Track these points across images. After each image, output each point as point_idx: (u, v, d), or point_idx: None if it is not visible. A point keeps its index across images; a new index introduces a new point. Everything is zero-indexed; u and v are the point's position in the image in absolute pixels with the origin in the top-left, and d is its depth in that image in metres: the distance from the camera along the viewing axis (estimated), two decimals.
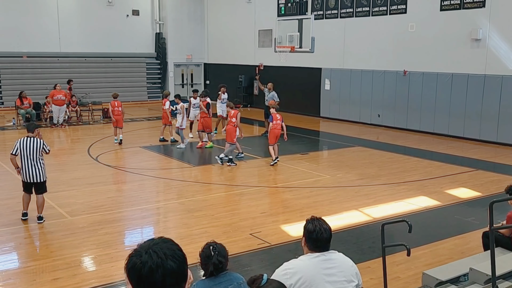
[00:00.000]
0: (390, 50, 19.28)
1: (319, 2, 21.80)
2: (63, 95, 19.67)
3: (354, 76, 20.63)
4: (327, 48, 21.03)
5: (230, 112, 13.55)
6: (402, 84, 18.85)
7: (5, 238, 8.11)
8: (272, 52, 19.41)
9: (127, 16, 27.00)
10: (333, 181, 11.79)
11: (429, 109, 18.04)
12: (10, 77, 24.04)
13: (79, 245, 7.82)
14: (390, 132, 18.82)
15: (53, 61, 25.03)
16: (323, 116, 22.21)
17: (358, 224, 8.90)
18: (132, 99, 26.47)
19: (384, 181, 11.75)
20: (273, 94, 17.40)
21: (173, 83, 28.31)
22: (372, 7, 19.76)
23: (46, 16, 24.73)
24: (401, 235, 7.36)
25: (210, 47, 28.79)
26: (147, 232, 8.82)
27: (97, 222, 8.82)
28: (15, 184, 10.30)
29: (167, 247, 1.81)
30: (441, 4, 17.38)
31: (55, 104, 19.51)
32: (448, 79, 17.37)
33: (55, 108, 19.59)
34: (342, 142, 16.87)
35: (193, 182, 11.73)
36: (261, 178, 12.43)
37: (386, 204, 9.99)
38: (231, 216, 9.23)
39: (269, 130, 13.28)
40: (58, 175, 11.83)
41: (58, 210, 9.39)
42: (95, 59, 26.01)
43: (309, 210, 9.46)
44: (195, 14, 28.38)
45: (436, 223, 9.20)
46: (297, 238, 8.00)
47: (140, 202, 10.27)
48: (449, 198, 10.52)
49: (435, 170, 12.94)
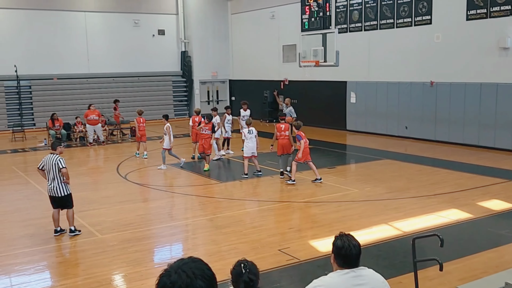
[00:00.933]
0: (416, 61, 19.11)
1: (343, 15, 21.81)
2: (96, 115, 20.17)
3: (380, 88, 20.49)
4: (352, 61, 20.98)
5: (280, 126, 13.45)
6: (429, 95, 18.63)
7: (38, 257, 8.26)
8: (297, 67, 19.50)
9: (153, 36, 27.51)
10: (361, 195, 11.67)
11: (458, 119, 17.76)
12: (41, 98, 24.68)
13: (110, 263, 7.91)
14: (418, 144, 18.58)
15: (82, 82, 25.63)
16: (350, 129, 22.09)
17: (388, 238, 8.77)
18: (159, 117, 26.64)
19: (413, 194, 11.58)
20: (290, 109, 17.46)
21: (199, 100, 28.60)
22: (396, 18, 19.67)
23: (75, 38, 25.38)
24: (433, 249, 7.22)
25: (235, 64, 29.05)
26: (176, 249, 8.88)
27: (127, 240, 8.91)
28: (47, 204, 10.49)
29: (196, 267, 1.83)
30: (467, 13, 17.18)
31: (89, 123, 20.07)
32: (476, 89, 17.09)
33: (89, 128, 20.16)
34: (370, 155, 16.72)
35: (221, 198, 11.77)
36: (288, 193, 12.39)
37: (416, 218, 9.83)
38: (259, 232, 9.22)
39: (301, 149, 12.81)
40: (89, 194, 12.02)
41: (88, 228, 9.53)
42: (123, 78, 26.54)
43: (338, 225, 9.38)
44: (220, 32, 28.71)
45: (469, 236, 9.01)
46: (326, 254, 7.93)
47: (169, 219, 10.35)
48: (481, 210, 10.29)
49: (466, 182, 12.70)
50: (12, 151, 19.19)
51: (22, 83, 24.19)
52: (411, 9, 19.03)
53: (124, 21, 26.59)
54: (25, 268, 7.79)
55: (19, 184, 13.89)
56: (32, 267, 7.83)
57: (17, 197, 12.26)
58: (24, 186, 13.65)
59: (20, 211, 10.93)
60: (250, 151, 13.57)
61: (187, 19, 28.18)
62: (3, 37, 23.77)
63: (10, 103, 24.18)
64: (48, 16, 24.62)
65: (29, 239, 9.07)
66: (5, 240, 9.08)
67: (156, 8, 27.55)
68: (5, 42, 23.78)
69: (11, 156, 18.32)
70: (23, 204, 11.60)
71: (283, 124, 13.52)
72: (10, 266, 7.88)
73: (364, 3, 20.84)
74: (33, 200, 11.88)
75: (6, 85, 23.99)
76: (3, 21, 23.85)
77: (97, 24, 26.01)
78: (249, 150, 13.58)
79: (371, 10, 20.59)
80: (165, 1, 27.85)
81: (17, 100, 24.23)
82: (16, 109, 24.23)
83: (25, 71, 23.97)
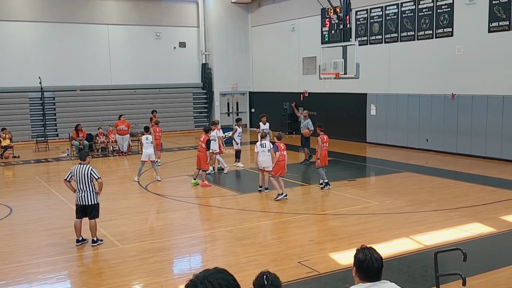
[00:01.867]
0: (437, 73, 18.98)
1: (363, 28, 21.81)
2: (125, 126, 20.57)
3: (400, 100, 20.38)
4: (372, 73, 20.92)
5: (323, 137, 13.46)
6: (451, 107, 18.46)
7: (60, 267, 8.37)
8: (317, 79, 19.46)
9: (174, 48, 27.84)
10: (381, 208, 11.58)
11: (479, 132, 17.55)
12: (64, 110, 25.11)
13: (130, 273, 7.97)
14: (439, 156, 18.39)
15: (104, 94, 26.02)
16: (370, 142, 21.97)
17: (409, 252, 8.67)
18: (179, 129, 27.08)
19: (435, 207, 11.45)
20: (307, 121, 17.46)
21: (219, 112, 28.77)
22: (417, 31, 19.60)
23: (98, 50, 25.84)
24: (455, 264, 7.13)
25: (255, 76, 29.19)
26: (195, 260, 8.91)
27: (147, 250, 8.98)
28: (69, 214, 10.66)
29: (222, 278, 1.85)
30: (489, 26, 17.04)
31: (118, 134, 20.56)
32: (499, 102, 16.89)
33: (119, 138, 20.70)
34: (390, 168, 16.59)
35: (240, 209, 11.79)
36: (308, 205, 12.36)
37: (437, 231, 9.71)
38: (279, 244, 9.20)
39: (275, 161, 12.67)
40: (110, 204, 12.15)
41: (110, 238, 9.63)
42: (144, 90, 26.87)
43: (358, 237, 9.32)
44: (240, 44, 28.93)
45: (492, 251, 8.86)
46: (346, 267, 7.89)
47: (189, 230, 10.39)
48: (504, 224, 10.13)
49: (488, 195, 12.52)
50: (35, 161, 19.52)
51: (46, 94, 24.66)
52: (432, 21, 18.95)
53: (146, 34, 26.98)
54: (47, 277, 7.89)
55: (42, 194, 14.11)
56: (54, 276, 7.94)
57: (40, 207, 12.45)
58: (47, 196, 13.88)
59: (43, 221, 11.10)
60: (261, 165, 13.17)
61: (208, 31, 28.47)
62: (28, 50, 24.30)
63: (34, 114, 24.64)
64: (72, 29, 25.12)
65: (51, 248, 9.20)
66: (28, 249, 9.22)
67: (178, 21, 27.90)
68: (30, 54, 24.32)
69: (34, 166, 18.62)
70: (45, 213, 11.78)
71: (325, 136, 13.53)
72: (33, 275, 7.99)
73: (385, 15, 20.83)
74: (55, 210, 12.06)
75: (31, 96, 24.48)
76: (29, 34, 24.40)
77: (119, 37, 26.44)
78: (260, 164, 13.21)
79: (392, 23, 20.56)
80: (186, 14, 28.20)
81: (41, 111, 24.68)
82: (40, 120, 24.67)
83: (49, 83, 24.44)
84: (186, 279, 6.65)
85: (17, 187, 15.24)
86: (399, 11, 20.24)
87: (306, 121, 17.58)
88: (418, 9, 19.48)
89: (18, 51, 24.13)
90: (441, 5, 18.65)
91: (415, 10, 19.61)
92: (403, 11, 20.07)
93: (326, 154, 13.62)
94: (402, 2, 20.08)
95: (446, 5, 18.45)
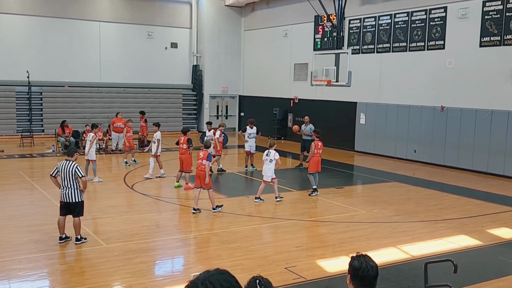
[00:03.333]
0: (427, 85, 19.08)
1: (356, 36, 21.88)
2: (122, 123, 20.25)
3: (390, 110, 20.45)
4: (363, 82, 20.98)
5: (318, 143, 13.43)
6: (440, 120, 18.56)
7: (42, 264, 8.19)
8: (308, 85, 19.51)
9: (166, 49, 27.69)
10: (369, 217, 11.55)
11: (467, 145, 17.65)
12: (51, 105, 24.78)
13: (114, 273, 7.82)
14: (426, 168, 18.46)
15: (93, 91, 25.76)
16: (358, 150, 22.00)
17: (396, 261, 8.63)
18: (168, 129, 26.79)
19: (422, 218, 11.46)
20: (310, 127, 17.50)
21: (208, 114, 28.64)
22: (409, 42, 19.70)
23: (89, 47, 25.59)
24: (442, 275, 7.10)
25: (246, 80, 29.13)
26: (180, 262, 8.78)
27: (131, 250, 8.83)
28: (52, 210, 10.47)
29: (224, 279, 1.77)
30: (481, 40, 17.19)
31: (114, 131, 20.34)
32: (487, 116, 17.01)
33: (114, 135, 20.46)
34: (378, 177, 16.61)
35: (228, 213, 11.67)
36: (295, 211, 12.28)
37: (425, 242, 9.70)
38: (266, 249, 9.11)
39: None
40: (95, 202, 11.97)
41: (94, 237, 9.46)
42: (133, 89, 26.66)
43: (345, 245, 9.27)
44: (232, 48, 28.86)
45: (478, 263, 8.87)
46: (333, 274, 7.83)
47: (174, 232, 10.27)
48: (490, 238, 10.15)
49: (474, 208, 12.56)
50: (19, 156, 19.21)
51: (34, 89, 24.33)
52: (425, 33, 19.07)
53: (138, 33, 26.80)
54: (28, 274, 7.71)
55: (25, 189, 13.88)
56: (35, 273, 7.76)
57: (23, 202, 12.23)
58: (30, 192, 13.65)
59: (26, 216, 10.88)
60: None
61: (201, 33, 28.37)
62: (17, 43, 23.97)
63: (20, 108, 24.29)
64: (62, 24, 24.85)
65: (33, 245, 9.00)
66: (9, 245, 9.02)
67: (170, 21, 27.77)
68: (19, 47, 23.98)
69: (18, 161, 18.33)
70: (28, 209, 11.56)
71: (320, 142, 13.49)
72: (14, 271, 7.81)
73: (378, 25, 20.92)
74: (38, 206, 11.84)
75: (17, 90, 24.14)
76: (18, 27, 24.08)
77: (110, 34, 26.22)
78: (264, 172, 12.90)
79: (384, 33, 20.65)
80: (179, 14, 28.08)
81: (27, 106, 24.35)
82: (26, 114, 24.33)
83: (37, 77, 24.13)
84: (171, 281, 6.51)
85: (0, 182, 14.95)
86: (392, 21, 20.34)
87: (308, 126, 17.67)
88: (411, 20, 19.59)
89: (6, 44, 23.78)
90: (434, 18, 18.78)
91: (408, 21, 19.72)
92: (396, 22, 20.17)
93: (319, 161, 13.59)
94: (396, 13, 20.18)
95: (439, 18, 18.58)
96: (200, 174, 11.42)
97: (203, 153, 11.61)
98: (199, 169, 11.48)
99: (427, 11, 19.01)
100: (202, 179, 11.40)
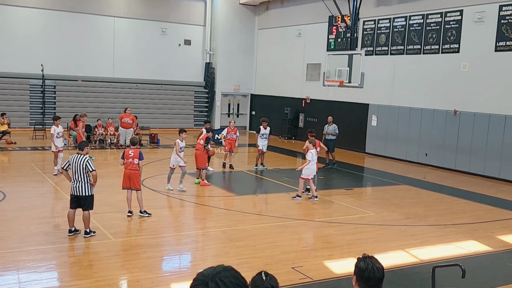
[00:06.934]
0: (440, 89, 18.94)
1: (370, 38, 21.78)
2: (130, 119, 20.41)
3: (402, 113, 20.33)
4: (376, 84, 20.88)
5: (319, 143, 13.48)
6: (452, 124, 18.42)
7: (51, 256, 8.26)
8: (320, 85, 19.47)
9: (179, 45, 27.76)
10: (378, 219, 11.50)
11: (479, 150, 17.50)
12: (65, 99, 24.97)
13: (122, 268, 7.87)
14: (437, 172, 18.33)
15: (106, 86, 25.91)
16: (368, 152, 21.91)
17: (404, 265, 8.58)
18: (178, 126, 26.82)
19: (431, 222, 11.38)
20: (334, 126, 17.74)
21: (220, 112, 28.69)
22: (423, 45, 19.57)
23: (103, 42, 25.74)
24: (450, 280, 7.06)
25: (258, 79, 29.12)
26: (187, 258, 8.81)
27: (139, 245, 8.88)
28: (63, 203, 10.56)
29: (232, 275, 1.78)
30: (496, 44, 17.02)
31: (122, 126, 20.41)
32: (501, 121, 16.85)
33: (122, 131, 20.54)
34: (388, 180, 16.53)
35: (236, 211, 11.69)
36: (304, 211, 12.27)
37: (433, 246, 9.64)
38: (273, 248, 9.11)
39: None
40: (104, 197, 12.04)
41: (103, 231, 9.52)
42: (146, 85, 26.77)
43: (353, 247, 9.24)
44: (245, 46, 28.86)
45: (487, 269, 8.79)
46: (340, 275, 7.81)
47: (183, 228, 10.30)
48: (500, 244, 10.06)
49: (485, 214, 12.46)
50: (32, 149, 19.39)
51: (47, 82, 24.52)
52: (439, 36, 18.93)
53: (152, 29, 26.90)
54: (37, 265, 7.78)
55: (36, 181, 14.00)
56: (44, 265, 7.83)
57: (34, 194, 12.34)
58: (41, 184, 13.76)
59: (36, 208, 10.98)
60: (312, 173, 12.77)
61: (214, 31, 28.41)
62: (32, 36, 24.17)
63: (34, 101, 24.49)
64: (78, 19, 25.02)
65: (43, 237, 9.08)
66: (19, 236, 9.10)
67: (184, 18, 27.84)
68: (34, 41, 24.19)
69: (30, 154, 18.51)
70: (39, 201, 11.66)
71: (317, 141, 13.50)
72: (23, 262, 7.88)
73: (392, 27, 20.80)
74: (49, 198, 11.95)
75: (32, 83, 24.34)
76: (34, 20, 24.28)
77: (125, 30, 26.35)
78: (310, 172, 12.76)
79: (399, 35, 20.53)
80: (193, 11, 28.14)
81: (41, 99, 24.55)
82: (39, 107, 24.53)
83: (51, 71, 24.32)
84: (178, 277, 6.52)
85: (12, 173, 15.11)
86: (407, 23, 20.21)
87: (332, 126, 17.77)
88: (426, 23, 19.45)
89: (22, 37, 23.99)
90: (449, 21, 18.63)
91: (423, 24, 19.58)
92: (411, 24, 20.04)
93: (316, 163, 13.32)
94: (411, 15, 20.05)
95: (455, 21, 18.43)
96: (131, 174, 10.45)
97: (133, 151, 10.58)
98: (130, 169, 10.47)
99: (442, 14, 18.87)
100: (132, 180, 10.48)
